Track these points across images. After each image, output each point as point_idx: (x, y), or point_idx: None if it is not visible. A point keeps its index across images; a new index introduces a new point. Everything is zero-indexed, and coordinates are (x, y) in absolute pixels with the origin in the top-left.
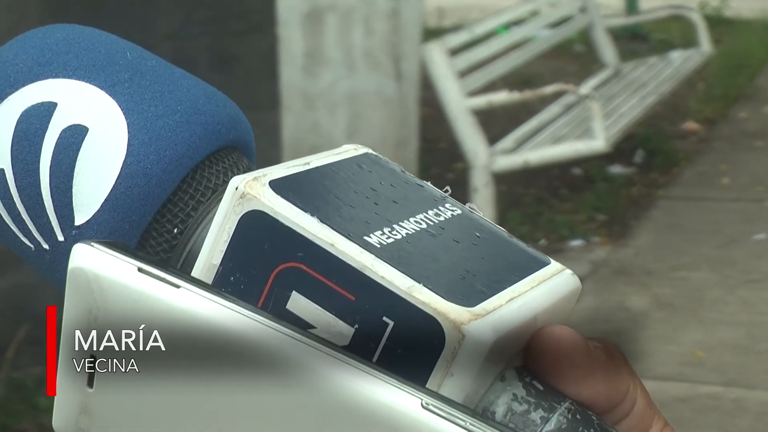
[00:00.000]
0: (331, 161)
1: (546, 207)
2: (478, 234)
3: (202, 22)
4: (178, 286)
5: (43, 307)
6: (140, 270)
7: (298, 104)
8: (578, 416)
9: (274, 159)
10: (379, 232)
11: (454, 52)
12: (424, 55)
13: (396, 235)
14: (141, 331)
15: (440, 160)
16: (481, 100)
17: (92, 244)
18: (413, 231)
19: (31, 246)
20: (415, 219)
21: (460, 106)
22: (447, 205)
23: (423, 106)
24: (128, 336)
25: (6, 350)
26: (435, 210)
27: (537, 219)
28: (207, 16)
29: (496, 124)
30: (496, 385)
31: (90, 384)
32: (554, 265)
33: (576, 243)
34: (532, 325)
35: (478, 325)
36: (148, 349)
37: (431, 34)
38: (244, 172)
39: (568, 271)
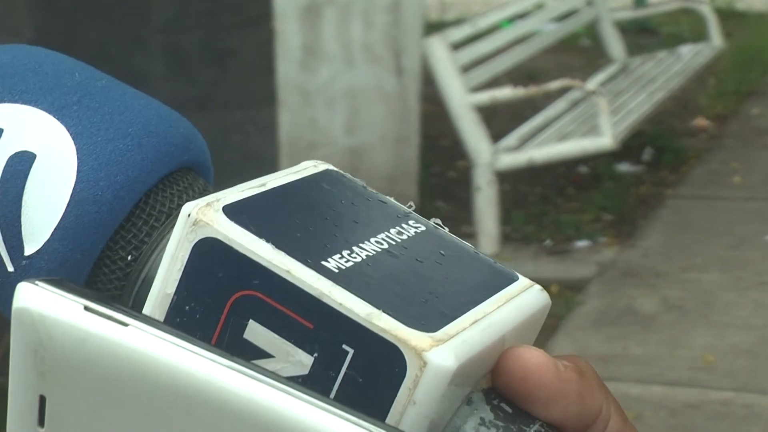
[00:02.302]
0: (289, 180)
1: (551, 206)
2: (442, 252)
3: (196, 14)
4: (126, 324)
5: None
6: (86, 308)
7: (295, 100)
8: None
9: (271, 157)
10: (338, 256)
11: (457, 46)
12: (425, 50)
13: (355, 258)
14: (91, 370)
15: (442, 157)
16: (485, 96)
17: (36, 282)
18: (374, 252)
19: None
20: (377, 239)
21: (462, 102)
22: (410, 222)
23: (424, 102)
24: (76, 374)
25: None
26: (398, 228)
27: (542, 219)
28: (201, 8)
29: (499, 120)
30: (463, 409)
31: (41, 423)
32: (522, 281)
33: (582, 244)
34: (499, 345)
35: (439, 351)
36: (98, 387)
37: (433, 27)
38: (200, 194)
39: (537, 287)
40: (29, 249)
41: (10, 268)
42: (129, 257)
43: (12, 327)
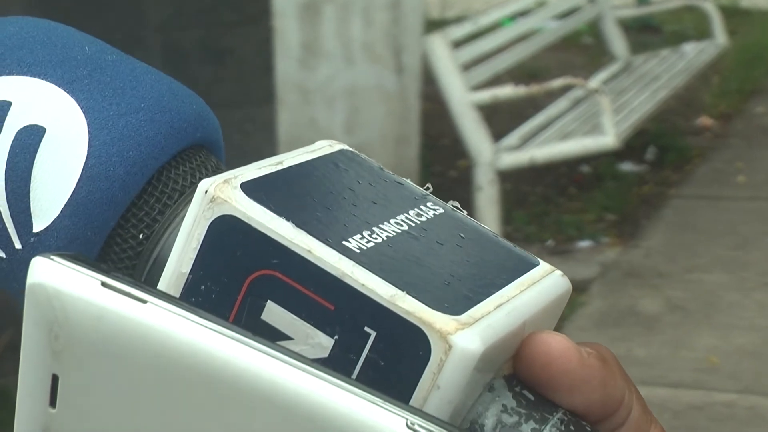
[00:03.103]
0: (306, 159)
1: (553, 206)
2: (462, 235)
3: (194, 12)
4: (144, 301)
5: None
6: (104, 284)
7: (295, 99)
8: (572, 427)
9: (270, 156)
10: (359, 236)
11: (458, 44)
12: (426, 48)
13: (376, 238)
14: (106, 349)
15: (443, 157)
16: (486, 95)
17: (51, 257)
18: (394, 234)
19: None
20: (396, 220)
21: (463, 101)
22: (429, 204)
23: (425, 101)
24: (91, 353)
25: None
26: (416, 210)
27: (543, 219)
28: (199, 6)
29: (501, 119)
30: (485, 395)
31: (52, 404)
32: (543, 266)
33: (584, 244)
34: (521, 331)
35: (465, 334)
36: (114, 366)
37: (434, 25)
38: (213, 172)
39: (558, 273)
40: (38, 225)
41: (18, 245)
42: (141, 235)
43: (26, 304)
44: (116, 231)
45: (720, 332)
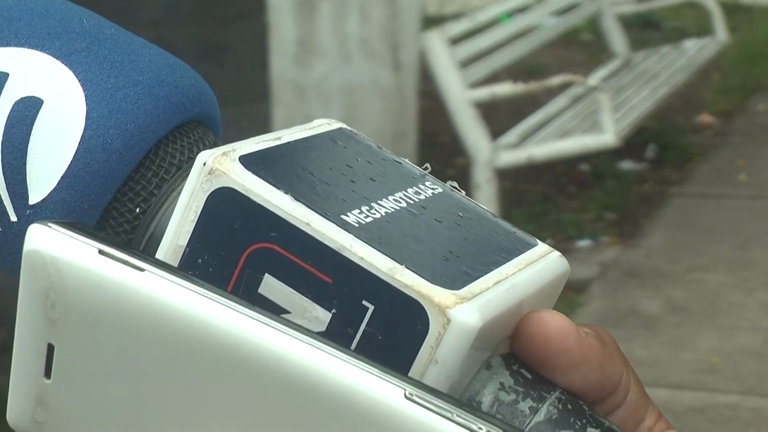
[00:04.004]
0: (304, 136)
1: (552, 205)
2: (461, 214)
3: (188, 8)
4: (142, 270)
5: None
6: (101, 252)
7: (290, 96)
8: (569, 406)
9: None
10: (357, 211)
11: (456, 40)
12: (423, 44)
13: (375, 214)
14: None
15: (440, 155)
16: (484, 92)
17: (49, 224)
18: (393, 210)
19: None
20: (395, 197)
21: (461, 98)
22: (427, 183)
23: (422, 98)
24: (88, 322)
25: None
26: (415, 188)
27: (543, 217)
28: (193, 1)
29: (499, 117)
30: (482, 373)
31: (47, 374)
32: (542, 246)
33: (584, 243)
34: (518, 311)
35: (464, 308)
36: (110, 336)
37: (431, 21)
38: (211, 147)
39: (557, 253)
40: (34, 197)
41: (13, 218)
42: (137, 209)
43: (22, 271)
44: (113, 204)
45: (722, 333)
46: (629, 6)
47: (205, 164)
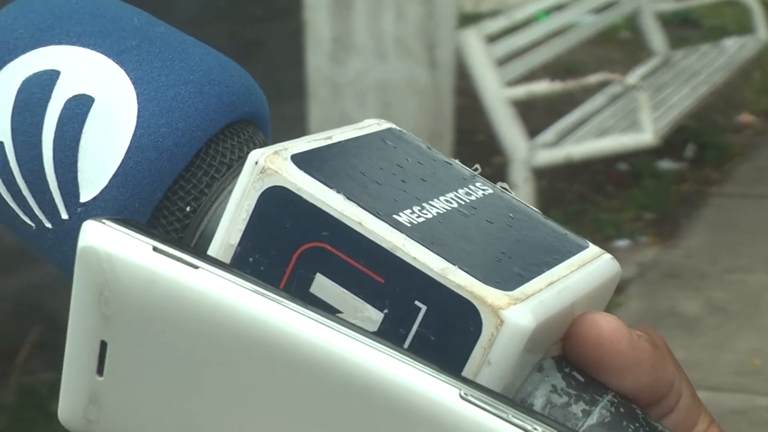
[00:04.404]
0: (355, 136)
1: (590, 204)
2: (511, 215)
3: (224, 5)
4: (196, 267)
5: (57, 308)
6: (155, 249)
7: (325, 94)
8: (622, 409)
9: None
10: (409, 211)
11: (492, 38)
12: (459, 42)
13: (426, 214)
14: (157, 315)
15: (477, 153)
16: (521, 90)
17: (103, 221)
18: (444, 210)
19: (32, 225)
20: (446, 198)
21: (498, 97)
22: (477, 184)
23: (458, 96)
24: (141, 319)
25: (17, 354)
26: (465, 189)
27: (580, 217)
28: None
29: (536, 115)
30: (534, 375)
31: (100, 371)
32: (593, 248)
33: (622, 243)
34: (570, 313)
35: (517, 310)
36: (164, 333)
37: (468, 19)
38: (261, 146)
39: (608, 256)
40: (85, 196)
41: (65, 215)
42: (188, 208)
43: (76, 267)
44: (163, 203)
45: (762, 334)
46: (668, 4)
47: (257, 163)
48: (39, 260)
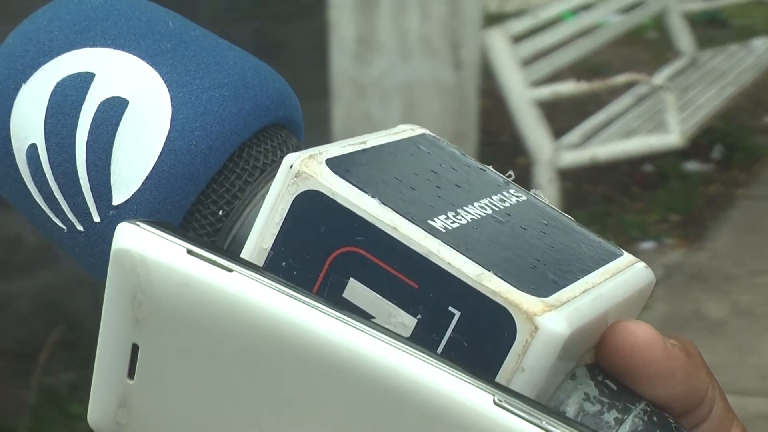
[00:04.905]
0: (389, 141)
1: (615, 206)
2: (545, 222)
3: (247, 4)
4: (230, 270)
5: (78, 308)
6: (189, 252)
7: (349, 94)
8: (655, 418)
9: None
10: (444, 217)
11: (518, 38)
12: (484, 42)
13: (461, 220)
14: (190, 319)
15: (501, 154)
16: (546, 91)
17: (138, 223)
18: (479, 216)
19: (64, 227)
20: (480, 204)
21: (523, 97)
22: (511, 191)
23: (483, 97)
24: (174, 322)
25: (38, 354)
26: (499, 195)
27: (605, 219)
28: None
29: (561, 116)
30: (567, 383)
31: (131, 375)
32: (627, 256)
33: (647, 245)
34: (604, 320)
35: (552, 316)
36: (196, 336)
37: (493, 19)
38: (295, 151)
39: (642, 264)
40: (118, 198)
41: (97, 218)
42: (220, 212)
43: (110, 269)
44: (196, 206)
45: None
46: (696, 3)
47: (291, 167)
48: (60, 260)
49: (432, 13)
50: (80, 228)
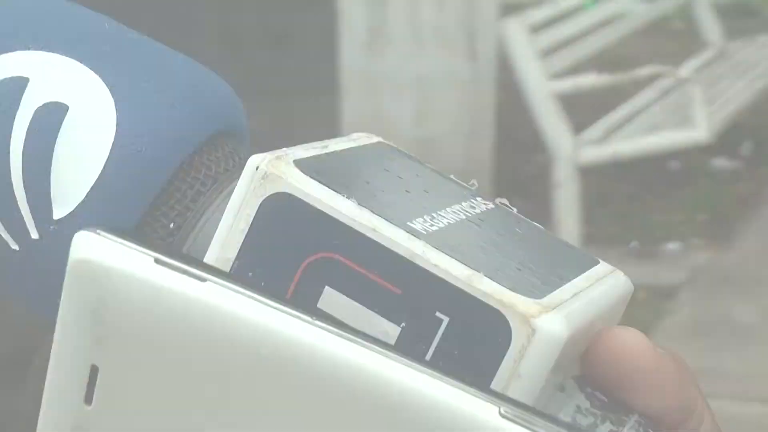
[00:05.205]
0: (349, 146)
1: (639, 205)
2: (518, 229)
3: None
4: (203, 279)
5: None
6: (157, 261)
7: (360, 88)
8: (650, 430)
9: None
10: (421, 219)
11: (536, 28)
12: (501, 33)
13: (438, 223)
14: (159, 333)
15: (519, 150)
16: (567, 83)
17: (98, 231)
18: (455, 221)
19: None
20: (452, 209)
21: (542, 90)
22: (479, 199)
23: (500, 90)
24: (141, 339)
25: (33, 359)
26: (469, 202)
27: (628, 218)
28: None
29: (582, 110)
30: (557, 396)
31: (88, 400)
32: (604, 265)
33: (673, 246)
34: (591, 328)
35: (550, 318)
36: (167, 353)
37: (510, 8)
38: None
39: (620, 272)
40: (59, 212)
41: (34, 235)
42: (171, 225)
43: (66, 284)
44: (145, 219)
45: None
46: None
47: (258, 168)
48: None
49: (447, 2)
50: (15, 247)
